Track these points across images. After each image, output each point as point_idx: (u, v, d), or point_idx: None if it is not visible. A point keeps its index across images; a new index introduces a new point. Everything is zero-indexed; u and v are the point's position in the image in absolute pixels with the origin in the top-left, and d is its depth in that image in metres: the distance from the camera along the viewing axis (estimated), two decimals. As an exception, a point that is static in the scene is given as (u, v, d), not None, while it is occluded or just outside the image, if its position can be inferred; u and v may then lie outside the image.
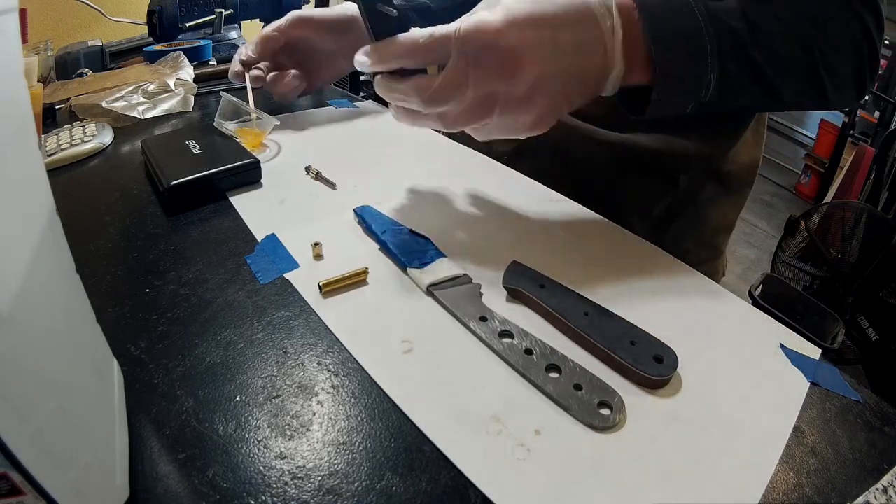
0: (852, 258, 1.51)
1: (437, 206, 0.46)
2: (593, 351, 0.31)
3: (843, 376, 0.31)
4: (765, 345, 0.33)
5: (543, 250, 0.40)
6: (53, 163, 0.51)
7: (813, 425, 0.28)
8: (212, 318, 0.33)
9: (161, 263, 0.38)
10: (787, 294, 1.26)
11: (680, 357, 0.30)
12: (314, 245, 0.39)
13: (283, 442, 0.25)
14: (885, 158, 1.82)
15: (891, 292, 1.40)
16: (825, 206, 1.66)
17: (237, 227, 0.42)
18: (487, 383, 0.29)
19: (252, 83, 0.59)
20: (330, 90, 0.81)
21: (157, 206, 0.45)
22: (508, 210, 0.46)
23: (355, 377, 0.29)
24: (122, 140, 0.58)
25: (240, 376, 0.29)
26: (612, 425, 0.27)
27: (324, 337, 0.32)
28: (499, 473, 0.24)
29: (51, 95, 0.67)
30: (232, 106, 0.56)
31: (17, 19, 0.20)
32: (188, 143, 0.50)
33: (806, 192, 2.84)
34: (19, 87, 0.20)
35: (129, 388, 0.28)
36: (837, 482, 0.25)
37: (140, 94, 0.65)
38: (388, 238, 0.39)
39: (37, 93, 0.48)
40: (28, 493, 0.16)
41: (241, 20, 0.98)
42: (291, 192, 0.47)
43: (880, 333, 1.38)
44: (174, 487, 0.23)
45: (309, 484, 0.24)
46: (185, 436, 0.26)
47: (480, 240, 0.41)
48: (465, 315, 0.33)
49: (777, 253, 1.70)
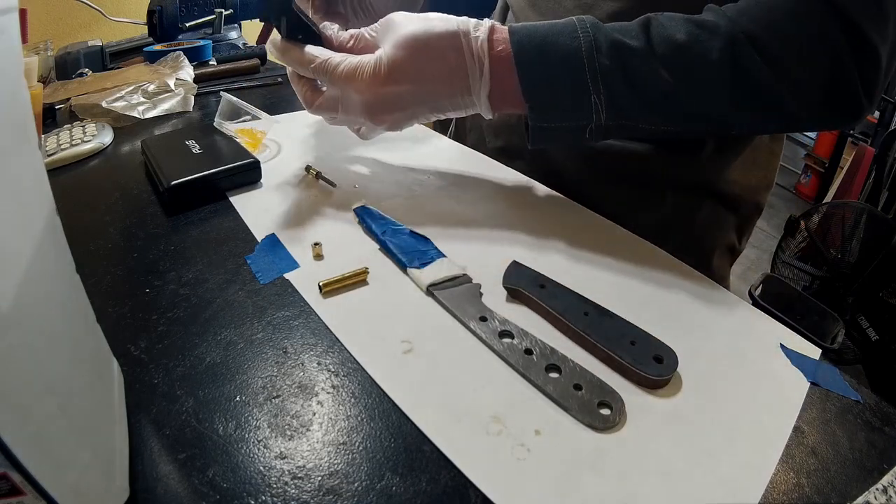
0: (852, 258, 1.51)
1: (437, 206, 0.46)
2: (593, 351, 0.31)
3: (843, 376, 0.31)
4: (765, 345, 0.33)
5: (543, 250, 0.40)
6: (53, 163, 0.51)
7: (813, 425, 0.28)
8: (212, 318, 0.33)
9: (161, 263, 0.38)
10: (787, 294, 1.26)
11: (680, 357, 0.30)
12: (314, 245, 0.39)
13: (283, 442, 0.25)
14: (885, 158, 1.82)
15: (891, 292, 1.40)
16: (825, 206, 1.66)
17: (237, 227, 0.42)
18: (487, 383, 0.29)
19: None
20: (330, 90, 0.81)
21: (157, 206, 0.45)
22: (508, 210, 0.46)
23: (355, 377, 0.29)
24: (122, 140, 0.58)
25: (240, 376, 0.29)
26: (612, 425, 0.27)
27: (324, 337, 0.32)
28: (499, 473, 0.24)
29: (51, 95, 0.67)
30: (232, 106, 0.56)
31: (17, 19, 0.20)
32: (188, 143, 0.50)
33: (806, 192, 2.84)
34: (19, 87, 0.20)
35: (129, 388, 0.28)
36: (837, 482, 0.25)
37: (140, 94, 0.65)
38: (388, 238, 0.39)
39: (37, 93, 0.48)
40: (28, 493, 0.16)
41: (241, 20, 0.99)
42: (291, 192, 0.47)
43: (880, 333, 1.38)
44: (174, 487, 0.23)
45: (309, 484, 0.24)
46: (185, 436, 0.26)
47: (480, 240, 0.41)
48: (465, 315, 0.33)
49: (777, 253, 1.70)
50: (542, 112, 0.39)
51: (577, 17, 0.38)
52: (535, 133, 0.40)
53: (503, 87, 0.38)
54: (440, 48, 0.38)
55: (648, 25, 0.37)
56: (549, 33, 0.38)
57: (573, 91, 0.37)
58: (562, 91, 0.38)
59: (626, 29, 0.37)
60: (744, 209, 0.55)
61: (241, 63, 0.85)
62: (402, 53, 0.38)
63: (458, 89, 0.39)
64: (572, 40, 0.37)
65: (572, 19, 0.38)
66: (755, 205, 0.56)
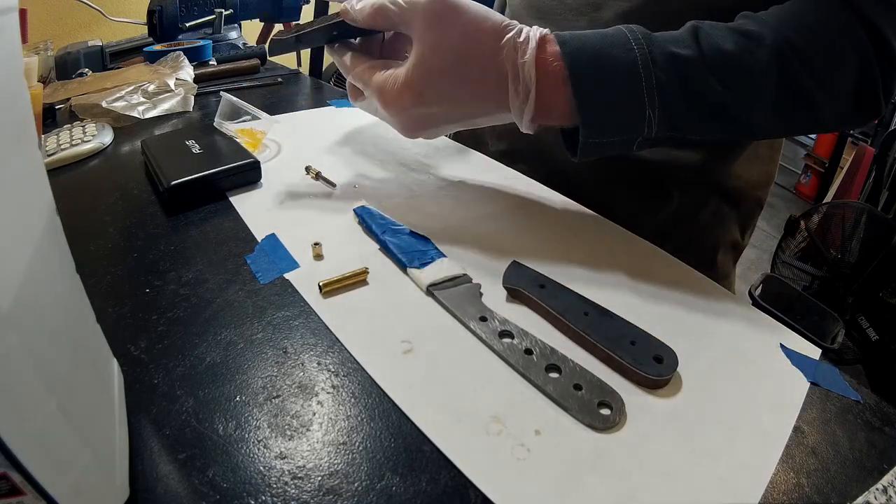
0: (852, 258, 1.51)
1: (437, 206, 0.46)
2: (593, 351, 0.31)
3: (843, 376, 0.31)
4: (765, 345, 0.33)
5: (543, 250, 0.40)
6: (53, 163, 0.51)
7: (813, 425, 0.28)
8: (212, 318, 0.33)
9: (161, 263, 0.38)
10: (787, 294, 1.26)
11: (680, 357, 0.30)
12: (314, 245, 0.39)
13: (283, 442, 0.25)
14: (885, 158, 1.82)
15: (891, 292, 1.40)
16: (825, 206, 1.66)
17: (237, 227, 0.42)
18: (487, 383, 0.29)
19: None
20: (330, 90, 0.81)
21: (157, 206, 0.45)
22: (508, 210, 0.46)
23: (355, 377, 0.29)
24: (122, 140, 0.58)
25: (240, 376, 0.29)
26: (612, 425, 0.27)
27: (324, 337, 0.32)
28: (499, 473, 0.24)
29: (51, 95, 0.67)
30: (232, 106, 0.56)
31: (17, 19, 0.20)
32: (188, 143, 0.50)
33: (806, 192, 2.84)
34: (19, 87, 0.20)
35: (129, 388, 0.28)
36: (837, 482, 0.25)
37: (140, 94, 0.65)
38: (388, 238, 0.39)
39: (37, 93, 0.48)
40: (28, 493, 0.16)
41: (241, 20, 0.99)
42: (291, 192, 0.47)
43: (880, 333, 1.38)
44: (174, 487, 0.23)
45: (309, 484, 0.24)
46: (185, 436, 0.26)
47: (480, 240, 0.41)
48: (465, 315, 0.33)
49: (777, 253, 1.70)
50: (598, 129, 0.36)
51: (626, 27, 0.36)
52: (585, 148, 0.37)
53: (549, 104, 0.36)
54: (480, 68, 0.35)
55: (697, 34, 0.36)
56: (601, 45, 0.35)
57: (629, 106, 0.35)
58: (618, 107, 0.35)
59: (677, 39, 0.35)
60: (746, 205, 0.55)
61: (241, 63, 0.85)
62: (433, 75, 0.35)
63: (495, 110, 0.37)
64: (627, 52, 0.34)
65: (621, 29, 0.36)
66: (756, 200, 0.56)
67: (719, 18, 0.37)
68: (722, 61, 0.35)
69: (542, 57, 0.35)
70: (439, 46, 0.35)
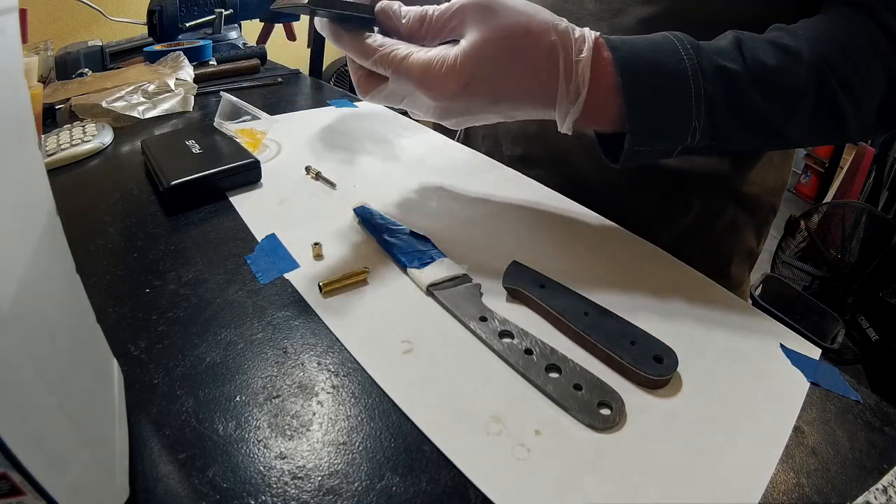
0: (852, 258, 1.51)
1: (437, 206, 0.46)
2: (593, 351, 0.31)
3: (843, 376, 0.31)
4: (765, 345, 0.33)
5: (543, 250, 0.40)
6: (53, 163, 0.51)
7: (813, 425, 0.28)
8: (212, 318, 0.33)
9: (161, 263, 0.38)
10: (787, 294, 1.27)
11: (680, 357, 0.30)
12: (314, 245, 0.39)
13: (283, 442, 0.25)
14: (885, 158, 1.82)
15: (891, 292, 1.40)
16: (825, 206, 1.66)
17: (237, 227, 0.42)
18: (487, 383, 0.29)
19: None
20: (330, 90, 0.81)
21: (157, 206, 0.45)
22: (508, 210, 0.46)
23: (355, 377, 0.29)
24: (122, 140, 0.58)
25: (240, 376, 0.29)
26: (612, 425, 0.27)
27: (324, 337, 0.32)
28: (499, 473, 0.24)
29: (51, 95, 0.67)
30: (232, 106, 0.56)
31: (17, 19, 0.20)
32: (188, 143, 0.50)
33: (806, 192, 2.84)
34: (19, 87, 0.20)
35: (129, 388, 0.28)
36: (837, 482, 0.25)
37: (140, 94, 0.65)
38: (388, 238, 0.39)
39: (37, 93, 0.48)
40: (28, 493, 0.16)
41: (241, 20, 0.99)
42: (291, 192, 0.47)
43: (880, 333, 1.38)
44: (174, 487, 0.23)
45: (309, 484, 0.24)
46: (185, 436, 0.26)
47: (480, 240, 0.41)
48: (465, 315, 0.33)
49: (777, 253, 1.70)
50: (645, 138, 0.35)
51: (672, 34, 0.35)
52: (629, 155, 0.36)
53: (597, 108, 0.35)
54: (533, 63, 0.34)
55: (741, 46, 0.35)
56: (652, 53, 0.34)
57: (678, 116, 0.35)
58: (667, 117, 0.35)
59: (723, 51, 0.35)
60: (761, 211, 0.55)
61: (241, 63, 0.85)
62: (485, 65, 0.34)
63: (539, 106, 0.35)
64: (678, 62, 0.34)
65: (668, 36, 0.35)
66: (771, 207, 0.56)
67: (739, 27, 0.37)
68: (764, 76, 0.35)
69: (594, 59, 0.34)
70: (494, 38, 0.34)
